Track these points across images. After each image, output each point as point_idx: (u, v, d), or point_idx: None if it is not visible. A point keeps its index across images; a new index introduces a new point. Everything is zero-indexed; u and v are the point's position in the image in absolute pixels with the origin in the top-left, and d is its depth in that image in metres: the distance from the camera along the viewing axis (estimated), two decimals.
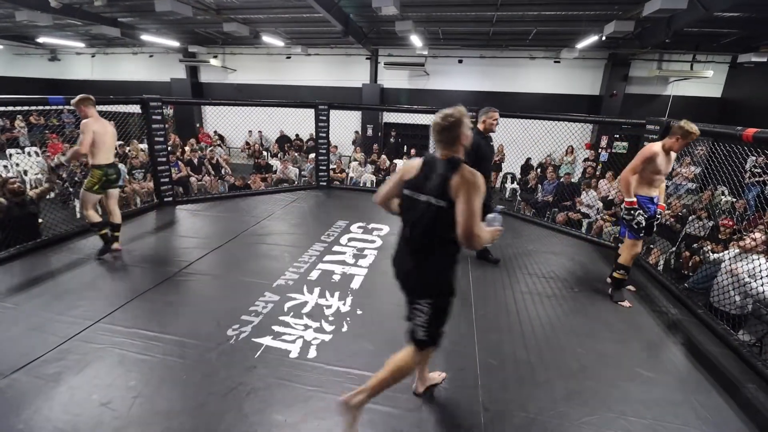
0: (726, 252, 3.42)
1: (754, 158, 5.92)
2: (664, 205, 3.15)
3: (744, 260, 3.13)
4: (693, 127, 2.74)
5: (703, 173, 3.87)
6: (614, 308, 3.04)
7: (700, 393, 2.18)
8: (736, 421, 2.00)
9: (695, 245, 4.84)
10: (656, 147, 2.85)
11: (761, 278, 2.93)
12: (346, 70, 12.33)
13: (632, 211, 2.92)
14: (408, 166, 1.82)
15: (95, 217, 3.44)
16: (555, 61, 10.89)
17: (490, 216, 1.80)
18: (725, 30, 8.21)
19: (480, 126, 3.46)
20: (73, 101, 3.31)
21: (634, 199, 2.92)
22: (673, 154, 2.91)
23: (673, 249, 5.14)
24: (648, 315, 2.98)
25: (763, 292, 2.93)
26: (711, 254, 3.67)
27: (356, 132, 11.64)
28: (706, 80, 9.95)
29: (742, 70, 9.48)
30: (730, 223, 4.72)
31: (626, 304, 3.07)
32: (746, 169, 6.10)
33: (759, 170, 6.07)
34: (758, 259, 3.06)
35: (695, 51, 9.70)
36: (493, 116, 3.44)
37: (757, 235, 3.14)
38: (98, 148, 3.28)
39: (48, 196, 4.47)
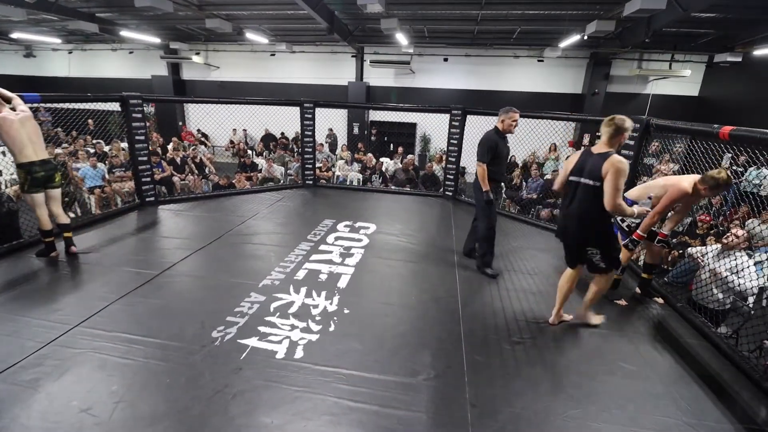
0: (704, 248, 3.51)
1: (730, 155, 6.10)
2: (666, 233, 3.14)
3: (726, 257, 3.21)
4: (723, 176, 2.68)
5: (681, 170, 3.97)
6: (596, 304, 3.10)
7: (680, 385, 2.24)
8: (714, 411, 2.06)
9: (674, 240, 4.96)
10: (686, 184, 2.79)
11: (742, 274, 3.02)
12: (332, 68, 12.26)
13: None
14: (570, 159, 2.55)
15: (46, 223, 3.29)
16: (538, 60, 11.03)
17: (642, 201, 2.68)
18: (702, 30, 8.44)
19: (499, 125, 3.45)
20: None
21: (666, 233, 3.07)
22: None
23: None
24: (629, 309, 3.05)
25: (743, 284, 3.02)
26: (690, 248, 3.76)
27: (330, 129, 11.44)
28: (684, 79, 10.22)
29: (719, 70, 9.76)
30: (708, 218, 4.85)
31: (622, 302, 3.12)
32: (723, 166, 6.27)
33: (741, 169, 6.25)
34: (742, 256, 3.15)
35: (673, 51, 9.95)
36: (513, 117, 3.40)
37: (739, 232, 3.22)
38: (14, 146, 3.06)
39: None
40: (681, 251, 4.69)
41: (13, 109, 3.19)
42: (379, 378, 2.15)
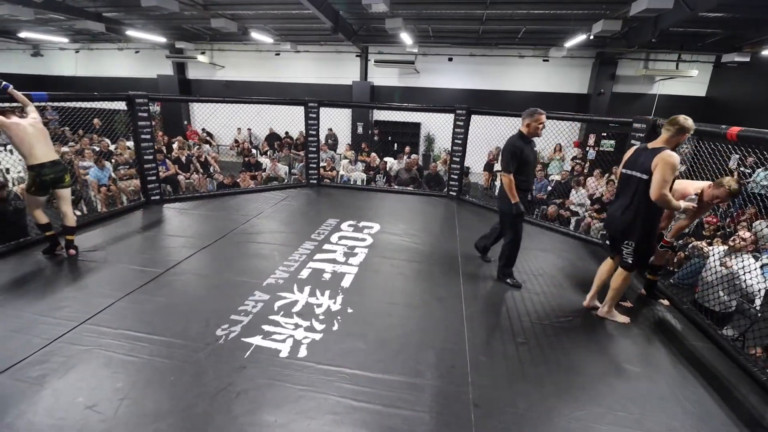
0: (711, 248, 3.48)
1: (737, 156, 6.04)
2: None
3: (734, 259, 3.18)
4: (735, 188, 2.67)
5: (687, 171, 3.93)
6: (601, 305, 3.08)
7: (685, 387, 2.23)
8: (720, 414, 2.05)
9: (680, 242, 4.92)
10: (691, 191, 2.83)
11: (749, 275, 2.99)
12: (336, 68, 12.27)
13: None
14: (627, 153, 2.68)
15: (41, 218, 3.35)
16: (544, 60, 10.98)
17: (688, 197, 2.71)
18: (709, 30, 8.36)
19: (524, 129, 3.18)
20: None
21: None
22: None
23: (659, 245, 5.22)
24: (635, 311, 3.02)
25: (750, 286, 3.00)
26: (697, 249, 3.73)
27: (329, 129, 11.29)
28: (691, 79, 10.14)
29: (726, 70, 9.67)
30: (715, 220, 4.81)
31: (627, 303, 3.09)
32: (730, 167, 6.22)
33: (749, 170, 6.18)
34: (748, 258, 3.13)
35: (680, 50, 9.86)
36: (539, 119, 3.11)
37: (746, 234, 3.20)
38: (24, 148, 3.14)
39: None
40: (687, 253, 4.66)
41: (24, 114, 3.28)
42: (383, 378, 2.15)
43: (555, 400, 2.07)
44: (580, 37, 8.31)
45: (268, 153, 10.27)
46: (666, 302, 3.18)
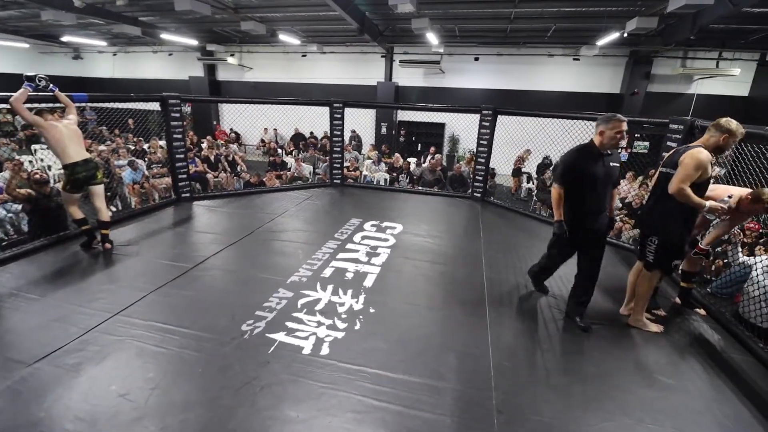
0: (753, 258, 3.29)
1: None
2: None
3: None
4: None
5: (727, 175, 3.74)
6: (632, 312, 2.96)
7: (722, 402, 2.12)
8: (760, 430, 1.93)
9: (718, 249, 4.69)
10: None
11: None
12: (362, 68, 12.33)
13: None
14: (667, 155, 2.58)
15: (76, 213, 3.53)
16: (574, 59, 10.68)
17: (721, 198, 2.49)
18: (753, 26, 7.91)
19: (597, 139, 2.56)
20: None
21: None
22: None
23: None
24: (669, 320, 2.90)
25: None
26: (739, 256, 3.52)
27: (353, 131, 11.24)
28: (732, 78, 9.63)
29: None
30: (757, 226, 4.56)
31: (661, 312, 2.97)
32: None
33: None
34: None
35: (722, 48, 9.39)
36: (618, 127, 2.46)
37: None
38: (58, 148, 3.31)
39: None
40: (725, 260, 4.43)
41: (63, 115, 3.50)
42: (404, 378, 2.14)
43: (581, 410, 2.00)
44: (613, 35, 8.04)
45: (293, 153, 10.42)
46: (702, 312, 3.03)
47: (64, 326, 2.44)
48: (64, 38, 12.42)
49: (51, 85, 3.47)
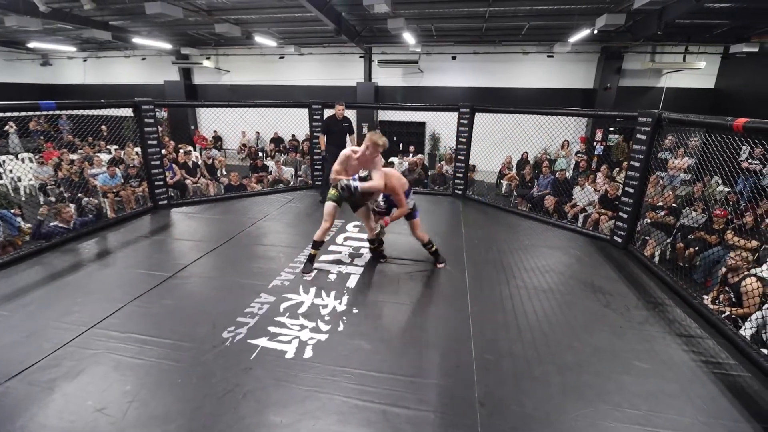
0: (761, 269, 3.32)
1: (747, 148, 5.94)
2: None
3: None
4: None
5: (697, 165, 3.87)
6: (609, 301, 3.05)
7: (696, 384, 2.19)
8: (731, 410, 2.01)
9: (690, 236, 4.85)
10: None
11: None
12: (340, 69, 12.29)
13: None
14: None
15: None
16: (548, 56, 10.88)
17: None
18: (717, 21, 8.22)
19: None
20: None
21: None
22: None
23: (669, 240, 5.16)
24: (643, 307, 2.99)
25: None
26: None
27: None
28: (698, 71, 9.97)
29: (735, 61, 9.49)
30: (723, 213, 4.73)
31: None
32: (741, 159, 6.12)
33: (756, 162, 6.08)
34: None
35: (687, 42, 9.71)
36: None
37: None
38: None
39: None
40: (697, 248, 4.59)
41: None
42: (388, 377, 2.15)
43: (562, 398, 2.05)
44: (584, 32, 8.22)
45: (275, 156, 10.32)
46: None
47: (37, 342, 2.36)
48: (31, 44, 11.98)
49: None
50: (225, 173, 8.48)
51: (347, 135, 5.59)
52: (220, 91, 13.42)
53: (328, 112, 6.20)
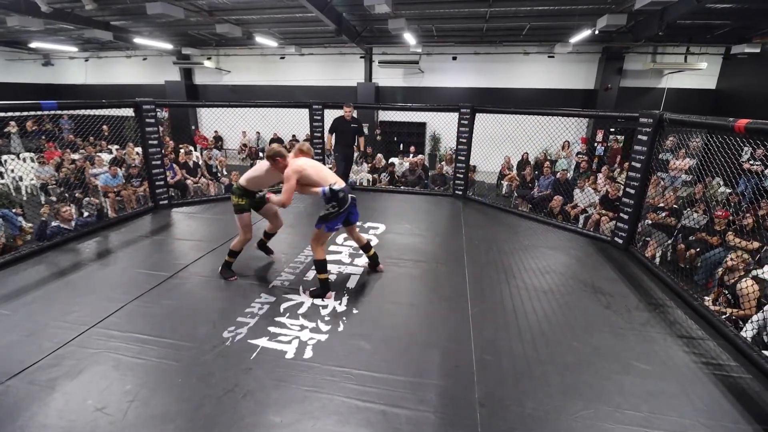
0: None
1: (748, 149, 5.93)
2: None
3: None
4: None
5: (698, 165, 3.86)
6: (609, 302, 3.05)
7: (697, 385, 2.19)
8: (732, 412, 2.01)
9: (691, 237, 4.84)
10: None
11: None
12: (341, 70, 12.30)
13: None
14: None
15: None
16: (549, 56, 10.88)
17: None
18: (718, 21, 8.20)
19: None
20: None
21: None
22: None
23: (670, 242, 5.14)
24: (644, 308, 2.99)
25: None
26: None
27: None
28: (700, 72, 9.96)
29: (736, 62, 9.48)
30: (725, 214, 4.72)
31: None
32: (743, 160, 6.11)
33: (758, 163, 6.07)
34: None
35: (689, 43, 9.70)
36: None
37: None
38: None
39: None
40: (698, 249, 4.58)
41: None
42: (388, 377, 2.15)
43: (562, 399, 2.05)
44: (585, 32, 8.22)
45: None
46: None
47: (37, 341, 2.37)
48: (33, 44, 12.00)
49: None
50: (226, 173, 8.49)
51: (356, 136, 5.77)
52: (220, 91, 13.43)
53: (328, 113, 6.22)
